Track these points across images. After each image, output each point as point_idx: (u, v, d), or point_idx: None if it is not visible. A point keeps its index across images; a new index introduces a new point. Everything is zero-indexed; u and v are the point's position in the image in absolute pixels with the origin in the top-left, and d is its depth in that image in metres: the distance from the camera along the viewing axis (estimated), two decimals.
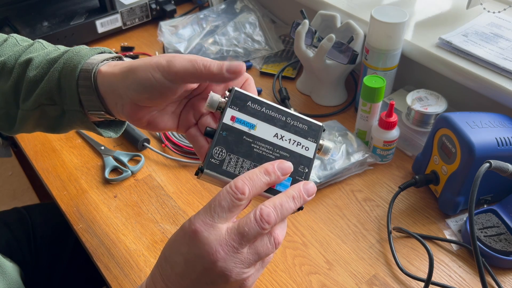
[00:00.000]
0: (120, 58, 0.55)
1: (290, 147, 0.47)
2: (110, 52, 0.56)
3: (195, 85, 0.52)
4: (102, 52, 0.55)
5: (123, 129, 0.60)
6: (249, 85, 0.50)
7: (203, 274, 0.41)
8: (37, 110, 0.54)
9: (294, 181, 0.46)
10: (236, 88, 0.47)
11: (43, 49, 0.57)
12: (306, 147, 0.48)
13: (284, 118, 0.47)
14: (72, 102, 0.52)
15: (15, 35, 0.61)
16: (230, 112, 0.46)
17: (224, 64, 0.46)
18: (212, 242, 0.41)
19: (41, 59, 0.55)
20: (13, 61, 0.56)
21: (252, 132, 0.46)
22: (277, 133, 0.47)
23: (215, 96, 0.47)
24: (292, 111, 0.48)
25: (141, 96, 0.48)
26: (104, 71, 0.51)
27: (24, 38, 0.61)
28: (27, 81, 0.54)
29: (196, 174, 0.46)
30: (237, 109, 0.46)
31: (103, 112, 0.53)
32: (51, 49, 0.57)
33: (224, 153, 0.45)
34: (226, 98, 0.47)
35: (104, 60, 0.53)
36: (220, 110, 0.47)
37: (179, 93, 0.49)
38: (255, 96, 0.48)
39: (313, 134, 0.48)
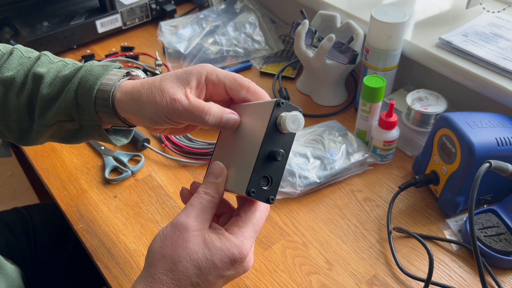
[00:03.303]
0: (128, 73, 0.56)
1: None
2: (119, 67, 0.56)
3: None
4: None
5: (133, 133, 0.61)
6: (254, 92, 0.52)
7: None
8: (54, 126, 0.55)
9: None
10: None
11: (51, 63, 0.58)
12: None
13: None
14: (91, 117, 0.54)
15: (19, 46, 0.61)
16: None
17: (223, 119, 0.48)
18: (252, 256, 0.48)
19: (53, 76, 0.55)
20: (23, 76, 0.57)
21: None
22: None
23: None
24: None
25: (156, 125, 0.52)
26: (119, 99, 0.52)
27: (28, 49, 0.61)
28: (41, 99, 0.55)
29: (270, 202, 0.47)
30: None
31: (126, 126, 0.56)
32: (60, 65, 0.58)
33: None
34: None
35: (116, 82, 0.54)
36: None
37: None
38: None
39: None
